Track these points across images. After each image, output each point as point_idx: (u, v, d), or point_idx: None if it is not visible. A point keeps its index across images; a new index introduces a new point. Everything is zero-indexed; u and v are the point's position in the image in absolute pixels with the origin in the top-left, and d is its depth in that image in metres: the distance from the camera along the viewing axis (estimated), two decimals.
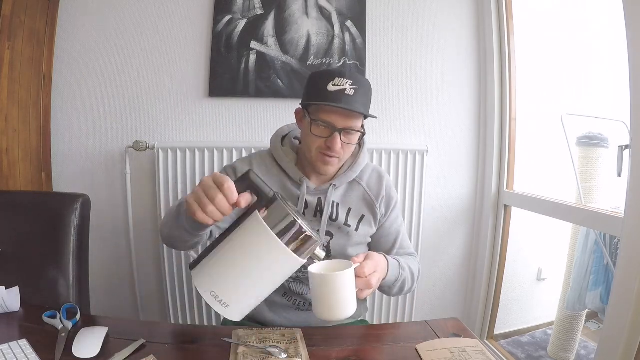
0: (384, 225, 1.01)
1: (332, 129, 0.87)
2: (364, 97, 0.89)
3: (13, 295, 0.83)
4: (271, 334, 0.77)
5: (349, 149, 0.92)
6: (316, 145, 0.90)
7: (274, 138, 1.03)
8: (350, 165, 0.99)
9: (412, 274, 0.95)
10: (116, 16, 1.53)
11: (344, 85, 0.86)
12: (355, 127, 0.89)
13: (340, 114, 0.87)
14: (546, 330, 2.01)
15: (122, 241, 1.63)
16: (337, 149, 0.88)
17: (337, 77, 0.86)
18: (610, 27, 1.68)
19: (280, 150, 0.99)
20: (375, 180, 1.01)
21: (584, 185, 1.76)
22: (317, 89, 0.88)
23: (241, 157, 1.03)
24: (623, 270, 1.06)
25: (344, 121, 0.87)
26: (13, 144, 1.35)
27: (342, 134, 0.88)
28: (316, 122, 0.88)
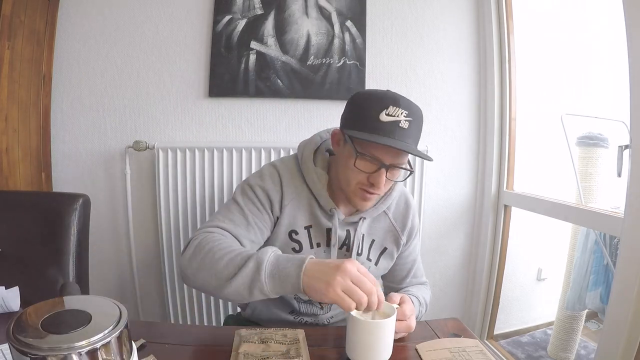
0: (403, 254, 0.97)
1: (380, 165, 0.77)
2: (417, 130, 0.79)
3: (13, 295, 0.83)
4: (273, 334, 0.77)
5: (387, 185, 0.83)
6: (357, 179, 0.80)
7: (306, 153, 0.88)
8: (384, 197, 0.90)
9: (426, 307, 0.96)
10: (116, 16, 1.53)
11: (398, 117, 0.75)
12: (404, 164, 0.80)
13: (393, 152, 0.77)
14: (546, 330, 2.01)
15: (122, 241, 1.63)
16: (381, 187, 0.79)
17: (391, 105, 0.76)
18: (610, 27, 1.68)
19: (312, 173, 0.86)
20: (402, 209, 0.95)
21: (584, 185, 1.76)
22: (368, 118, 0.76)
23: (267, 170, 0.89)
24: (623, 270, 1.06)
25: (393, 158, 0.78)
26: (13, 144, 1.35)
27: (388, 171, 0.79)
28: (363, 156, 0.77)
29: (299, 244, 0.88)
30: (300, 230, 0.88)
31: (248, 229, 0.82)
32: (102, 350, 0.41)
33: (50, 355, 0.38)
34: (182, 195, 1.53)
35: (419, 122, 0.80)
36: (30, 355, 0.38)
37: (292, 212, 0.86)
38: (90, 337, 0.40)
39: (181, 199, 1.53)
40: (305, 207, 0.87)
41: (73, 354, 0.39)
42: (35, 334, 0.40)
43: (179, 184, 1.52)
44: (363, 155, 0.77)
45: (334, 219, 0.86)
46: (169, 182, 1.52)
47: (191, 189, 1.53)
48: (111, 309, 0.46)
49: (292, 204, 0.86)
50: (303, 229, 0.88)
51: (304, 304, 0.93)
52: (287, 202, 0.86)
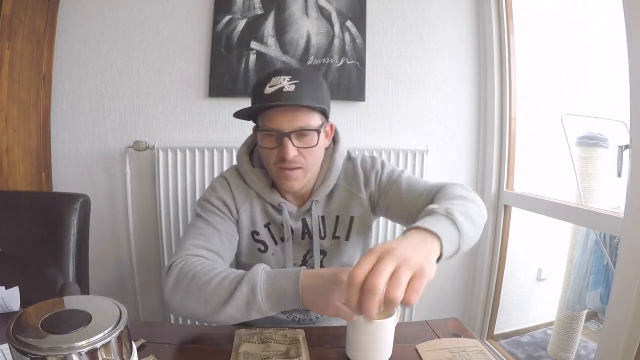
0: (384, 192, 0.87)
1: (280, 136, 0.76)
2: (309, 89, 0.76)
3: (13, 295, 0.83)
4: (273, 334, 0.77)
5: (310, 155, 0.79)
6: (272, 160, 0.79)
7: (241, 157, 0.89)
8: (327, 171, 0.87)
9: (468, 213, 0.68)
10: (116, 16, 1.53)
11: (281, 83, 0.75)
12: (307, 126, 0.77)
13: (285, 116, 0.75)
14: (546, 330, 2.01)
15: (122, 241, 1.63)
16: (290, 157, 0.76)
17: (273, 77, 0.76)
18: (610, 27, 1.68)
19: (250, 173, 0.86)
20: (351, 170, 0.90)
21: (584, 185, 1.76)
22: (256, 97, 0.79)
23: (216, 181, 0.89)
24: (623, 270, 1.06)
25: (290, 122, 0.76)
26: (13, 144, 1.35)
27: (293, 139, 0.76)
28: (263, 133, 0.78)
29: (263, 244, 0.88)
30: (261, 229, 0.88)
31: (221, 238, 0.82)
32: (102, 350, 0.41)
33: (50, 355, 0.38)
34: (182, 195, 1.53)
35: (310, 81, 0.77)
36: (30, 355, 0.38)
37: (247, 214, 0.87)
38: (90, 337, 0.40)
39: (181, 199, 1.53)
40: (258, 207, 0.87)
41: (73, 354, 0.39)
42: (35, 334, 0.40)
43: (179, 184, 1.52)
44: (262, 131, 0.78)
45: (284, 213, 0.85)
46: (169, 182, 1.52)
47: (191, 189, 1.53)
48: (111, 309, 0.46)
49: (244, 206, 0.86)
50: (263, 227, 0.88)
51: None
52: (240, 205, 0.86)
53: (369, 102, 1.64)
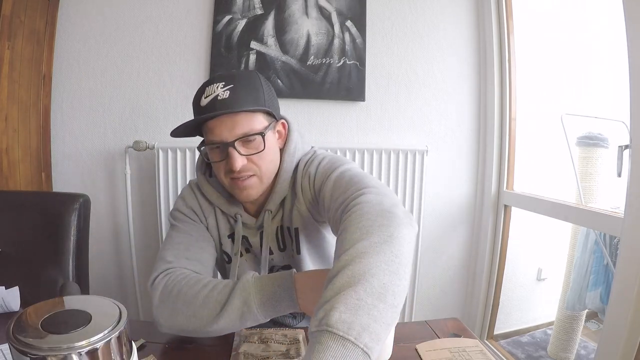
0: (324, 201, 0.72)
1: (224, 146, 0.73)
2: (245, 92, 0.73)
3: (13, 295, 0.83)
4: (273, 334, 0.77)
5: (261, 159, 0.75)
6: (222, 172, 0.76)
7: (198, 170, 0.86)
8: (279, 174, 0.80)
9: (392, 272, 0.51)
10: (116, 16, 1.53)
11: (215, 92, 0.71)
12: (250, 131, 0.72)
13: (224, 125, 0.72)
14: (546, 330, 2.01)
15: (122, 241, 1.63)
16: (238, 167, 0.72)
17: (206, 87, 0.73)
18: (610, 27, 1.68)
19: (206, 185, 0.84)
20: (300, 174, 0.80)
21: (584, 185, 1.76)
22: (194, 111, 0.76)
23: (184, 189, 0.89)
24: (623, 270, 1.06)
25: (231, 131, 0.72)
26: (13, 144, 1.35)
27: (238, 147, 0.72)
28: (208, 147, 0.76)
29: (226, 255, 0.86)
30: (225, 240, 0.85)
31: (198, 244, 0.80)
32: (102, 350, 0.41)
33: (50, 355, 0.38)
34: None
35: (244, 84, 0.73)
36: (30, 355, 0.38)
37: (214, 223, 0.85)
38: (90, 337, 0.40)
39: None
40: (221, 217, 0.84)
41: (73, 354, 0.39)
42: (35, 334, 0.40)
43: (179, 184, 1.52)
44: (207, 146, 0.76)
45: (237, 225, 0.81)
46: (169, 182, 1.52)
47: None
48: (111, 309, 0.46)
49: (211, 216, 0.84)
50: (227, 237, 0.85)
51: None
52: (207, 215, 0.84)
53: (369, 102, 1.64)
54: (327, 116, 1.62)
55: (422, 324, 0.85)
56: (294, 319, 0.95)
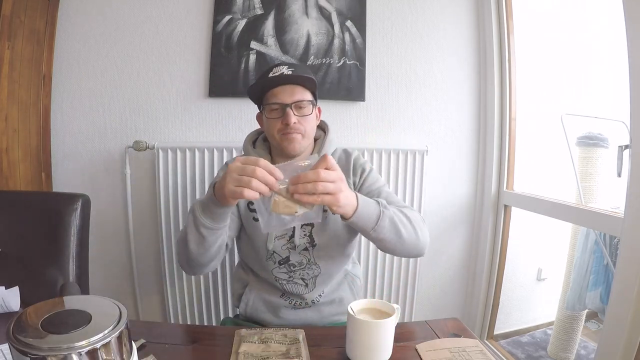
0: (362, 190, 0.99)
1: (283, 107, 0.93)
2: (303, 74, 0.95)
3: (13, 295, 0.83)
4: (273, 334, 0.77)
5: (307, 122, 0.96)
6: (276, 128, 0.95)
7: (245, 143, 1.07)
8: (318, 151, 1.02)
9: (406, 216, 0.86)
10: (116, 16, 1.53)
11: (281, 70, 0.95)
12: (304, 98, 0.95)
13: (286, 92, 0.94)
14: (546, 330, 2.01)
15: (122, 241, 1.63)
16: (292, 123, 0.92)
17: (274, 67, 0.96)
18: (610, 27, 1.68)
19: (252, 152, 1.04)
20: (343, 159, 1.04)
21: (584, 185, 1.76)
22: (260, 82, 0.97)
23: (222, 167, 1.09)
24: (623, 270, 1.06)
25: (291, 96, 0.94)
26: (13, 144, 1.35)
27: (294, 109, 0.94)
28: (268, 106, 0.95)
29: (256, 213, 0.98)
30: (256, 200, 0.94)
31: None
32: (102, 350, 0.41)
33: (50, 355, 0.39)
34: (182, 195, 1.53)
35: (302, 68, 0.99)
36: (30, 355, 0.38)
37: None
38: (90, 337, 0.40)
39: (181, 199, 1.53)
40: None
41: (73, 354, 0.39)
42: (35, 334, 0.40)
43: (179, 184, 1.52)
44: (268, 105, 0.95)
45: None
46: (169, 182, 1.52)
47: (191, 189, 1.53)
48: (111, 309, 0.46)
49: None
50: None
51: (288, 283, 0.99)
52: None
53: (369, 102, 1.64)
54: (327, 116, 1.59)
55: (422, 324, 0.85)
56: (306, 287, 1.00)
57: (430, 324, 0.85)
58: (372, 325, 0.68)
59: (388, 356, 0.71)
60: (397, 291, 1.66)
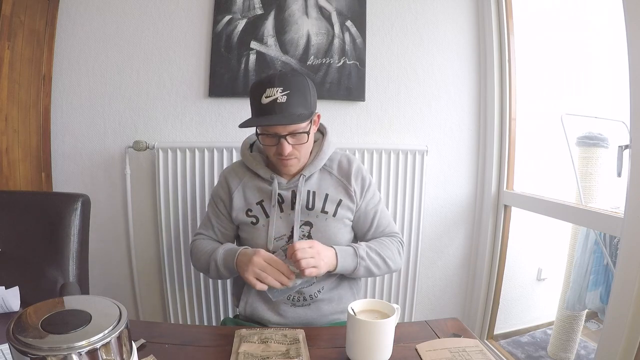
0: (360, 207, 1.06)
1: (277, 137, 0.94)
2: (299, 98, 0.93)
3: (13, 295, 0.83)
4: (273, 334, 0.77)
5: (303, 148, 0.98)
6: (271, 153, 0.98)
7: (242, 147, 1.11)
8: (317, 154, 1.04)
9: (382, 258, 1.00)
10: (116, 16, 1.53)
11: (275, 95, 0.90)
12: (298, 129, 0.94)
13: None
14: (546, 330, 2.01)
15: (122, 241, 1.63)
16: (287, 153, 0.95)
17: (267, 88, 0.91)
18: (610, 27, 1.68)
19: (249, 157, 1.07)
20: (345, 165, 1.06)
21: (584, 185, 1.76)
22: (254, 105, 0.95)
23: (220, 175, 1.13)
24: (623, 270, 1.06)
25: (285, 128, 0.93)
26: (13, 144, 1.35)
27: (288, 138, 0.94)
28: (263, 135, 0.97)
29: (255, 218, 1.04)
30: (254, 207, 1.04)
31: (214, 230, 1.09)
32: (102, 350, 0.41)
33: (50, 355, 0.39)
34: (182, 195, 1.53)
35: (298, 90, 0.93)
36: (30, 355, 0.38)
37: (240, 195, 1.06)
38: (90, 337, 0.40)
39: (181, 199, 1.53)
40: (252, 187, 1.05)
41: (73, 354, 0.39)
42: (35, 334, 0.40)
43: (179, 184, 1.52)
44: (262, 134, 0.97)
45: (274, 183, 1.02)
46: (169, 182, 1.52)
47: (191, 189, 1.53)
48: (111, 309, 0.46)
49: (238, 190, 1.06)
50: (255, 205, 1.04)
51: None
52: (233, 191, 1.06)
53: (369, 102, 1.64)
54: (327, 116, 1.62)
55: (422, 324, 0.85)
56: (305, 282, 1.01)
57: (430, 324, 0.85)
58: (372, 325, 0.68)
59: (388, 356, 0.71)
60: (397, 291, 1.67)
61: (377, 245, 1.02)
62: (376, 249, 1.00)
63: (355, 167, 1.06)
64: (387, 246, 1.03)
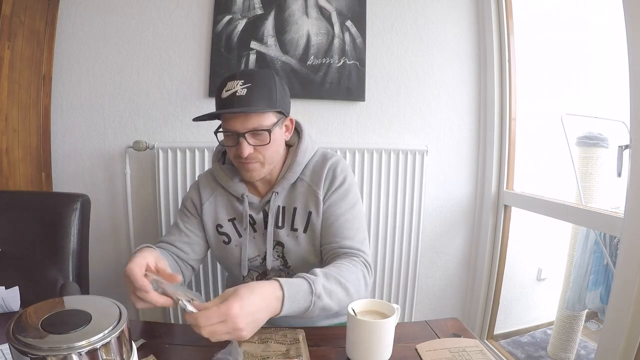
0: (325, 211, 0.91)
1: (236, 136, 0.85)
2: (260, 91, 0.84)
3: (13, 295, 0.83)
4: (273, 334, 0.77)
5: (266, 150, 0.87)
6: (233, 155, 0.89)
7: (213, 156, 1.01)
8: (290, 165, 0.93)
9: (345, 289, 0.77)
10: (116, 16, 1.53)
11: (234, 88, 0.83)
12: (259, 127, 0.84)
13: (238, 119, 0.83)
14: (546, 330, 2.01)
15: (122, 241, 1.63)
16: (245, 155, 0.84)
17: (228, 82, 0.85)
18: (610, 27, 1.68)
19: (219, 170, 0.97)
20: (318, 169, 0.93)
21: (584, 185, 1.76)
22: (216, 101, 0.88)
23: (194, 181, 1.04)
24: (623, 270, 1.06)
25: (244, 124, 0.83)
26: (13, 144, 1.35)
27: (248, 138, 0.84)
28: (223, 133, 0.88)
29: (226, 236, 0.96)
30: (224, 223, 0.96)
31: (180, 234, 0.95)
32: (102, 350, 0.41)
33: (50, 355, 0.39)
34: (182, 195, 1.53)
35: (261, 84, 0.85)
36: (30, 355, 0.38)
37: (211, 208, 0.97)
38: (90, 337, 0.40)
39: (181, 199, 1.53)
40: (224, 203, 0.96)
41: (73, 354, 0.39)
42: (35, 334, 0.40)
43: (179, 184, 1.52)
44: (222, 132, 0.89)
45: (244, 203, 0.93)
46: (169, 182, 1.52)
47: None
48: (111, 309, 0.46)
49: (209, 202, 0.97)
50: (227, 221, 0.96)
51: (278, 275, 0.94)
52: (204, 201, 0.97)
53: (369, 102, 1.64)
54: (327, 116, 1.62)
55: (422, 324, 0.85)
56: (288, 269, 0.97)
57: (430, 324, 0.85)
58: (372, 325, 0.68)
59: (388, 356, 0.71)
60: (397, 291, 1.67)
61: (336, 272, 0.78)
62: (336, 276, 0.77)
63: (329, 165, 0.92)
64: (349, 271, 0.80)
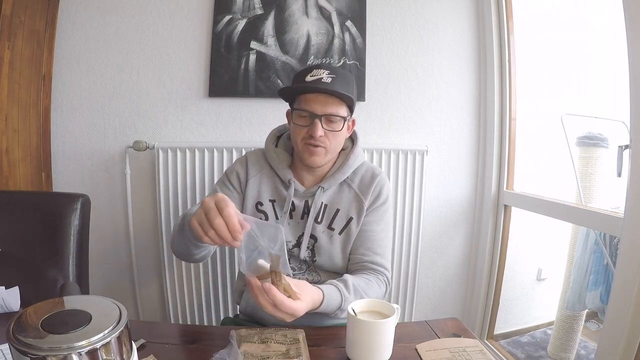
0: (364, 221, 0.96)
1: (312, 117, 0.89)
2: (342, 83, 0.90)
3: (13, 295, 0.83)
4: (273, 334, 0.77)
5: (334, 138, 0.92)
6: (301, 135, 0.92)
7: (268, 138, 1.04)
8: (340, 165, 0.98)
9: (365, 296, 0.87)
10: (116, 16, 1.53)
11: (320, 75, 0.89)
12: (336, 113, 0.90)
13: (319, 102, 0.88)
14: (546, 330, 2.01)
15: (122, 241, 1.63)
16: (318, 136, 0.89)
17: (314, 69, 0.90)
18: (610, 27, 1.68)
19: (272, 152, 1.00)
20: (367, 180, 0.98)
21: (584, 185, 1.76)
22: (297, 82, 0.92)
23: (239, 157, 1.06)
24: (623, 270, 1.06)
25: (323, 107, 0.89)
26: (13, 144, 1.35)
27: (323, 121, 0.89)
28: (297, 112, 0.91)
29: (264, 214, 0.98)
30: (265, 202, 0.98)
31: None
32: (102, 350, 0.41)
33: (50, 355, 0.38)
34: (182, 195, 1.53)
35: (344, 78, 0.92)
36: (30, 355, 0.38)
37: (255, 185, 0.99)
38: (90, 337, 0.40)
39: (181, 199, 1.53)
40: (268, 183, 0.99)
41: (73, 354, 0.39)
42: (35, 334, 0.40)
43: (179, 184, 1.52)
44: (297, 110, 0.91)
45: (290, 188, 0.96)
46: (169, 182, 1.52)
47: (191, 189, 1.53)
48: (111, 309, 0.46)
49: (255, 178, 0.99)
50: (268, 201, 0.98)
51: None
52: (250, 177, 0.99)
53: (369, 102, 1.64)
54: None
55: (422, 324, 0.85)
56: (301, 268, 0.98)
57: (430, 324, 0.85)
58: (372, 325, 0.68)
59: (388, 356, 0.71)
60: (397, 291, 1.67)
61: (364, 288, 0.87)
62: (362, 294, 0.86)
63: (378, 180, 0.98)
64: (373, 290, 0.89)
